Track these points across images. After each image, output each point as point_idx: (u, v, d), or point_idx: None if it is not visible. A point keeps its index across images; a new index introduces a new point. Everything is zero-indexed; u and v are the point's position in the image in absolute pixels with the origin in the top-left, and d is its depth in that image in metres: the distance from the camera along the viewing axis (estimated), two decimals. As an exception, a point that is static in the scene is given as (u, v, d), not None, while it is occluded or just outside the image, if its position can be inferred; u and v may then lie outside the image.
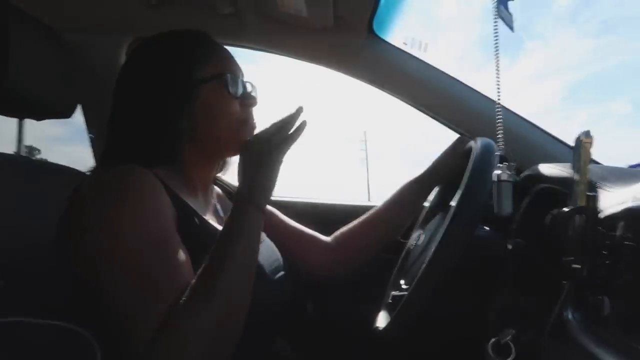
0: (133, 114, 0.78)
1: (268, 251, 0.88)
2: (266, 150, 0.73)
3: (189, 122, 0.78)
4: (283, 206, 1.09)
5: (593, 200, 0.61)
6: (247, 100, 0.84)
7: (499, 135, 0.76)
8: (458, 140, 1.00)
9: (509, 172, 0.72)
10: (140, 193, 0.69)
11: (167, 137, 0.77)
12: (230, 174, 0.99)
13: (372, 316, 0.92)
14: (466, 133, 1.17)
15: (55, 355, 0.44)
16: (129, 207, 0.67)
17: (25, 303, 0.72)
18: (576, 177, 0.63)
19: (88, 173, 0.80)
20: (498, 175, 0.73)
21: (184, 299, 0.62)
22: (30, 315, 0.56)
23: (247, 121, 0.84)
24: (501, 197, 0.73)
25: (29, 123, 1.07)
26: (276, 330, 0.86)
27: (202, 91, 0.79)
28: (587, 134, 0.62)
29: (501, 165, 0.73)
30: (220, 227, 0.79)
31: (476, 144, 0.82)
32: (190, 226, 0.74)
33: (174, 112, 0.77)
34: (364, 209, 1.07)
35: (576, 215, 0.61)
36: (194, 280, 0.64)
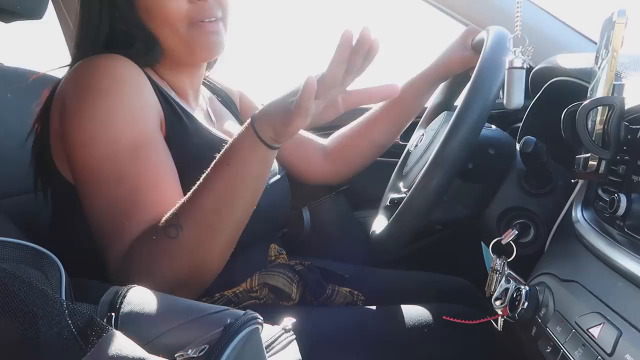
0: (93, 12, 0.70)
1: None
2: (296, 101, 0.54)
3: (135, 21, 0.69)
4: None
5: (619, 89, 0.55)
6: None
7: (517, 24, 0.66)
8: (467, 31, 0.90)
9: (523, 58, 0.63)
10: (122, 84, 0.64)
11: (129, 37, 0.70)
12: (216, 71, 0.91)
13: (370, 220, 0.90)
14: (475, 24, 1.06)
15: (16, 274, 0.42)
16: (109, 100, 0.62)
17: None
18: (602, 63, 0.56)
19: (54, 72, 0.73)
20: (510, 62, 0.64)
21: (167, 215, 0.58)
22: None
23: (194, 21, 0.69)
24: (512, 87, 0.64)
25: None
26: (272, 235, 0.84)
27: None
28: (621, 12, 0.54)
29: (515, 49, 0.64)
30: (212, 130, 0.75)
31: (488, 35, 0.73)
32: (180, 126, 0.70)
33: (124, 13, 0.69)
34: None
35: (598, 107, 0.55)
36: (183, 198, 0.60)
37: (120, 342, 0.39)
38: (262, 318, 0.42)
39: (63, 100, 0.65)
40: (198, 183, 0.59)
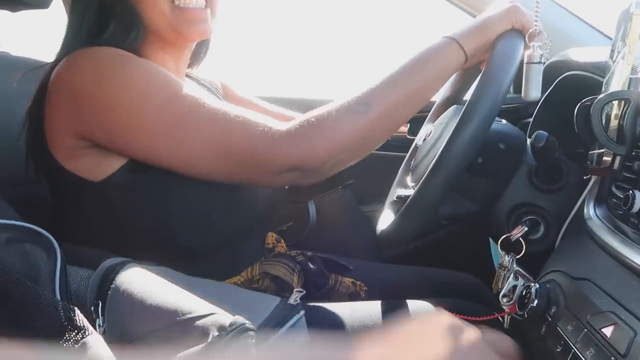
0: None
1: None
2: (508, 8, 0.66)
3: (122, 1, 0.68)
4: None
5: (635, 83, 0.53)
6: None
7: (536, 18, 0.65)
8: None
9: (542, 52, 0.63)
10: (129, 56, 0.63)
11: (112, 19, 0.68)
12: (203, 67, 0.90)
13: (376, 215, 0.89)
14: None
15: (13, 254, 0.41)
16: (129, 66, 0.62)
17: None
18: (618, 56, 0.54)
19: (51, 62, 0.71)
20: (529, 56, 0.64)
21: (354, 96, 0.63)
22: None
23: (178, 3, 0.68)
24: (530, 81, 0.64)
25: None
26: (269, 219, 0.83)
27: None
28: (639, 4, 0.52)
29: (533, 43, 0.64)
30: None
31: None
32: None
33: None
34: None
35: (613, 101, 0.54)
36: (373, 84, 0.65)
37: (99, 354, 0.38)
38: (254, 328, 0.40)
39: (73, 95, 0.63)
40: (392, 74, 0.65)
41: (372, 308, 0.73)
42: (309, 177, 0.64)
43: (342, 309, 0.72)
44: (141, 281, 0.46)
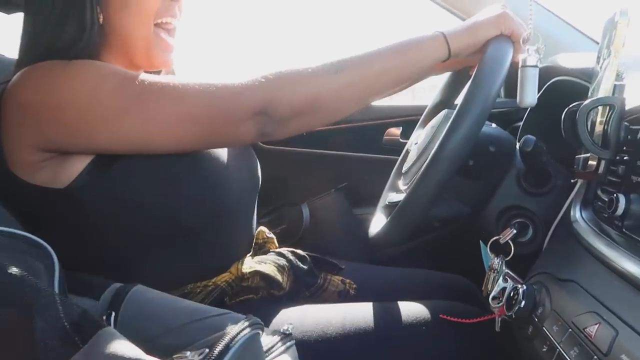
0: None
1: (241, 155, 0.80)
2: (500, 13, 0.68)
3: (102, 13, 0.66)
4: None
5: (620, 90, 0.54)
6: None
7: (530, 23, 0.66)
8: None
9: (537, 56, 0.64)
10: (79, 61, 0.62)
11: (78, 31, 0.65)
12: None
13: (369, 218, 0.90)
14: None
15: (8, 262, 0.41)
16: (74, 65, 0.61)
17: None
18: (604, 63, 0.56)
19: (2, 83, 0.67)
20: (524, 60, 0.64)
21: (329, 61, 0.64)
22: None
23: (159, 18, 0.68)
24: (525, 85, 0.64)
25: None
26: (253, 204, 0.82)
27: None
28: (624, 12, 0.53)
29: (528, 47, 0.65)
30: None
31: None
32: None
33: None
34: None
35: (599, 107, 0.55)
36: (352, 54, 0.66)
37: (115, 340, 0.39)
38: (262, 323, 0.42)
39: (25, 110, 0.60)
40: (369, 51, 0.66)
41: (364, 309, 0.74)
42: (275, 125, 0.63)
43: (334, 311, 0.73)
44: (153, 294, 0.47)
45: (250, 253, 0.77)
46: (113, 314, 0.46)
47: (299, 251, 0.81)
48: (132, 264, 0.65)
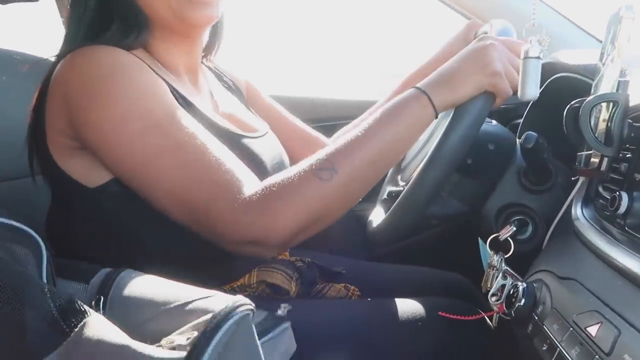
0: None
1: (271, 144, 0.80)
2: (486, 62, 0.61)
3: None
4: (281, 101, 1.01)
5: (624, 86, 0.54)
6: None
7: (534, 13, 0.64)
8: (469, 24, 0.89)
9: (540, 47, 0.61)
10: (123, 65, 0.61)
11: (126, 12, 0.66)
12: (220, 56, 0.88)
13: (367, 214, 0.90)
14: (477, 18, 1.05)
15: None
16: (118, 80, 0.60)
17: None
18: (607, 59, 0.55)
19: (52, 58, 0.70)
20: (526, 51, 0.60)
21: (318, 159, 0.59)
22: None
23: None
24: (527, 77, 0.60)
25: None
26: None
27: None
28: (629, 7, 0.53)
29: (531, 38, 0.62)
30: (211, 112, 0.72)
31: (491, 29, 0.72)
32: None
33: None
34: (367, 104, 0.99)
35: (602, 104, 0.55)
36: (337, 145, 0.60)
37: (102, 327, 0.38)
38: (253, 304, 0.40)
39: (65, 96, 0.62)
40: (357, 133, 0.61)
41: (362, 306, 0.74)
42: (272, 250, 0.60)
43: (332, 307, 0.72)
44: (141, 280, 0.46)
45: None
46: (102, 298, 0.45)
47: (307, 259, 0.80)
48: (146, 260, 0.64)
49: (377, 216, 0.84)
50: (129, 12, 0.67)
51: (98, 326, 0.38)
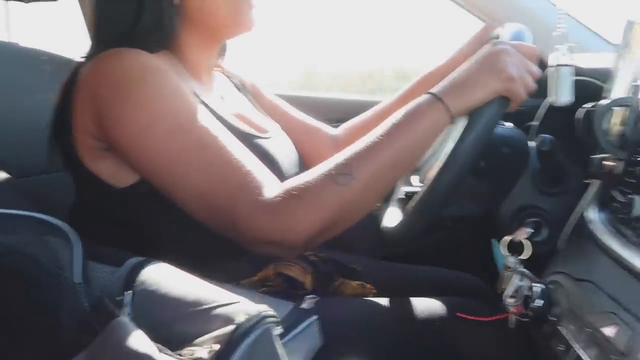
0: None
1: (283, 144, 0.82)
2: (500, 67, 0.61)
3: None
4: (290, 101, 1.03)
5: (637, 90, 0.55)
6: None
7: (560, 21, 0.64)
8: (485, 27, 0.90)
9: (570, 55, 0.63)
10: (152, 69, 0.64)
11: (157, 14, 0.68)
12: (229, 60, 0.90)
13: (381, 213, 0.91)
14: (493, 21, 1.05)
15: (33, 243, 0.43)
16: (147, 83, 0.62)
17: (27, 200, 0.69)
18: (622, 63, 0.56)
19: (81, 59, 0.72)
20: (557, 59, 0.63)
21: (336, 164, 0.60)
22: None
23: None
24: (560, 84, 0.63)
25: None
26: None
27: None
28: (642, 12, 0.53)
29: (560, 47, 0.64)
30: (226, 114, 0.74)
31: (506, 32, 0.73)
32: None
33: None
34: (374, 103, 1.00)
35: (615, 107, 0.56)
36: (354, 149, 0.61)
37: (128, 331, 0.39)
38: (277, 316, 0.41)
39: (94, 97, 0.64)
40: (374, 139, 0.62)
41: (379, 305, 0.75)
42: (289, 252, 0.62)
43: (349, 305, 0.73)
44: (167, 274, 0.47)
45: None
46: (129, 293, 0.46)
47: (323, 254, 0.81)
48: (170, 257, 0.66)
49: (392, 216, 0.85)
50: (162, 15, 0.68)
51: (125, 329, 0.39)
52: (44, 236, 0.49)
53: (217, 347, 0.38)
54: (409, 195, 0.77)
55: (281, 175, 0.69)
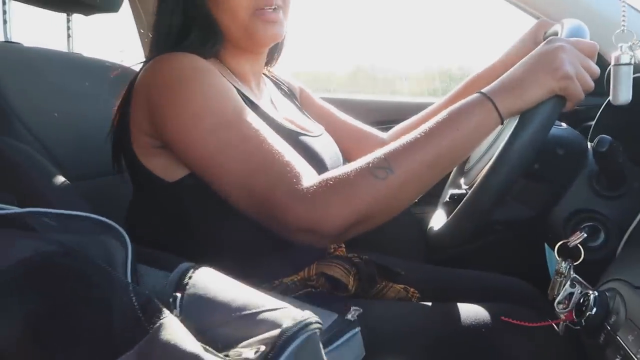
0: (165, 4, 0.76)
1: (328, 144, 0.84)
2: (556, 65, 0.59)
3: (203, 10, 0.74)
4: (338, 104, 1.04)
5: None
6: None
7: (623, 19, 0.62)
8: (539, 23, 0.86)
9: (631, 54, 0.60)
10: (201, 70, 0.67)
11: (194, 26, 0.74)
12: (280, 66, 0.93)
13: (427, 217, 0.89)
14: (547, 17, 1.01)
15: (91, 243, 0.45)
16: (196, 82, 0.66)
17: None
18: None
19: (139, 64, 0.77)
20: (617, 58, 0.61)
21: (376, 157, 0.60)
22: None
23: (257, 8, 0.72)
24: (619, 83, 0.61)
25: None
26: None
27: None
28: None
29: (622, 45, 0.61)
30: (274, 114, 0.77)
31: (563, 29, 0.70)
32: None
33: (195, 4, 0.74)
34: (424, 106, 0.99)
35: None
36: (395, 144, 0.61)
37: (176, 331, 0.40)
38: (321, 322, 0.41)
39: (148, 97, 0.68)
40: (416, 135, 0.61)
41: (424, 309, 0.74)
42: (323, 240, 0.63)
43: (395, 309, 0.73)
44: (216, 279, 0.48)
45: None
46: (178, 296, 0.47)
47: (366, 256, 0.81)
48: (216, 251, 0.68)
49: (438, 220, 0.84)
50: (207, 25, 0.74)
51: (173, 329, 0.40)
52: (101, 236, 0.51)
53: (263, 348, 0.38)
54: (456, 198, 0.76)
55: (325, 172, 0.70)
